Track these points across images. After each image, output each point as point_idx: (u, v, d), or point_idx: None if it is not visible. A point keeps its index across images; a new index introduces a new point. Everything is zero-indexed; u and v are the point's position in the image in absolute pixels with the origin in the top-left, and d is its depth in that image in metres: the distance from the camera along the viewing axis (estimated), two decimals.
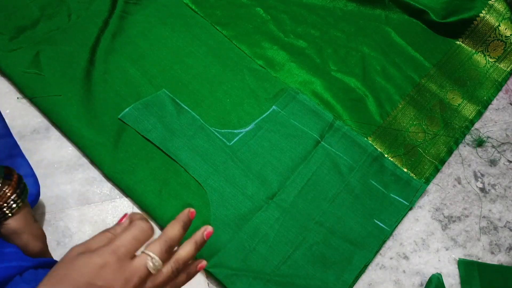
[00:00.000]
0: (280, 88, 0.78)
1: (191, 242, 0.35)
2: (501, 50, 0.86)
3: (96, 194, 0.67)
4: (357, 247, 0.65)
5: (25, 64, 0.74)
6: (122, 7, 0.83)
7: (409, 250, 0.67)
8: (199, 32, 0.83)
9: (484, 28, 0.86)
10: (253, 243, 0.64)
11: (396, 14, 0.90)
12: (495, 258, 0.67)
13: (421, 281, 0.64)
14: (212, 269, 0.61)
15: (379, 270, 0.65)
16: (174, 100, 0.74)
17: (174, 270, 0.33)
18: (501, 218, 0.71)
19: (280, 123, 0.74)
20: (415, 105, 0.80)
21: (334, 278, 0.63)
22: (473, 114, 0.80)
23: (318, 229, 0.66)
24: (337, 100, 0.78)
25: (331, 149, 0.73)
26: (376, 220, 0.68)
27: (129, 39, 0.80)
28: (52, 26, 0.79)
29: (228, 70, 0.80)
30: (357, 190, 0.70)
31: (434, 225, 0.69)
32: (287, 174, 0.69)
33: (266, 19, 0.87)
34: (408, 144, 0.76)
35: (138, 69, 0.77)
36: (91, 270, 0.30)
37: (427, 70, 0.84)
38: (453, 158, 0.76)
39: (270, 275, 0.62)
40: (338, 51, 0.85)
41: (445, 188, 0.73)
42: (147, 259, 0.32)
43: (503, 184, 0.74)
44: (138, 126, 0.71)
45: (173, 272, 0.33)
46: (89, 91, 0.73)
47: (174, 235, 0.34)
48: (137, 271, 0.31)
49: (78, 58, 0.76)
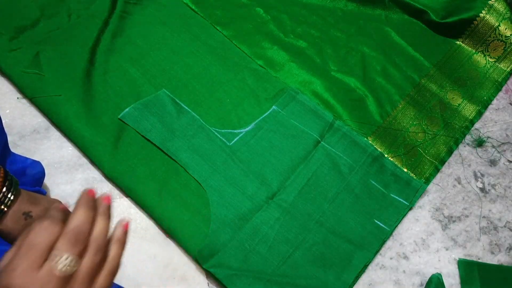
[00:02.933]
0: (280, 88, 0.78)
1: (101, 215, 0.32)
2: (501, 50, 0.86)
3: (96, 194, 0.66)
4: (357, 247, 0.65)
5: (25, 64, 0.74)
6: (122, 7, 0.83)
7: (409, 250, 0.67)
8: (199, 32, 0.83)
9: (484, 28, 0.86)
10: (253, 243, 0.64)
11: (396, 14, 0.90)
12: (495, 258, 0.67)
13: (421, 281, 0.64)
14: (212, 269, 0.61)
15: (379, 270, 0.65)
16: (174, 100, 0.74)
17: (96, 253, 0.29)
18: (501, 218, 0.71)
19: (280, 123, 0.74)
20: (415, 105, 0.80)
21: (334, 278, 0.63)
22: (473, 114, 0.80)
23: (318, 229, 0.66)
24: (337, 100, 0.78)
25: (331, 149, 0.73)
26: (376, 220, 0.68)
27: (129, 39, 0.80)
28: (52, 26, 0.79)
29: (228, 70, 0.80)
30: (357, 190, 0.70)
31: (434, 225, 0.69)
32: (287, 174, 0.69)
33: (266, 19, 0.87)
34: (408, 144, 0.76)
35: (138, 69, 0.77)
36: None
37: (427, 70, 0.84)
38: (453, 158, 0.76)
39: (270, 275, 0.62)
40: (338, 51, 0.85)
41: (445, 188, 0.73)
42: (55, 262, 0.27)
43: (503, 184, 0.74)
44: (138, 126, 0.71)
45: (96, 255, 0.29)
46: (89, 91, 0.73)
47: (80, 221, 0.30)
48: (48, 280, 0.27)
49: (78, 58, 0.76)
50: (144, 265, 0.62)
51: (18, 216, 0.47)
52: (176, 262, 0.63)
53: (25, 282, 0.26)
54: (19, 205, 0.48)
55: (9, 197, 0.46)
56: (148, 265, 0.62)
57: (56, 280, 0.27)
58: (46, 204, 0.50)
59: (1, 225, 0.47)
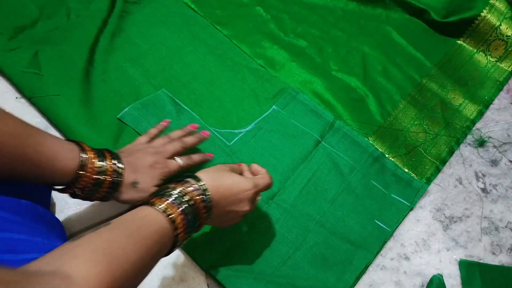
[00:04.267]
0: (280, 88, 0.78)
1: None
2: (502, 50, 0.85)
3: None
4: (358, 247, 0.65)
5: (24, 63, 0.73)
6: (122, 6, 0.82)
7: (410, 251, 0.66)
8: (199, 31, 0.83)
9: (485, 27, 0.85)
10: (253, 243, 0.63)
11: (397, 14, 0.90)
12: (497, 258, 0.67)
13: (422, 282, 0.64)
14: (212, 270, 0.61)
15: (380, 270, 0.65)
16: (174, 99, 0.74)
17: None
18: (503, 218, 0.70)
19: (280, 123, 0.74)
20: (416, 105, 0.79)
21: (334, 279, 0.62)
22: (474, 114, 0.80)
23: (319, 229, 0.66)
24: (338, 100, 0.78)
25: (331, 149, 0.72)
26: (377, 220, 0.67)
27: (128, 39, 0.80)
28: (51, 25, 0.79)
29: (228, 69, 0.79)
30: (358, 191, 0.69)
31: (435, 225, 0.69)
32: (287, 174, 0.69)
33: (266, 18, 0.87)
34: (409, 144, 0.75)
35: (138, 68, 0.77)
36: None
37: (428, 69, 0.84)
38: (454, 158, 0.75)
39: (271, 275, 0.61)
40: (338, 50, 0.84)
41: (446, 189, 0.72)
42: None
43: (504, 184, 0.73)
44: (137, 126, 0.70)
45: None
46: (88, 90, 0.73)
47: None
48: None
49: (77, 58, 0.75)
50: None
51: (129, 186, 0.53)
52: (176, 263, 0.62)
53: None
54: (127, 176, 0.53)
55: (120, 167, 0.52)
56: None
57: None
58: (144, 169, 0.55)
59: (118, 194, 0.53)
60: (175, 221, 0.43)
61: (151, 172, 0.55)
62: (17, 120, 0.45)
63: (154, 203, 0.44)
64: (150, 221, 0.42)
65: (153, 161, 0.55)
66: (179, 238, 0.44)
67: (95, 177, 0.50)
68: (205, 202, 0.47)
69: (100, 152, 0.51)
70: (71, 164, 0.47)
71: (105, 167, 0.51)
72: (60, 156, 0.46)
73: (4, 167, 0.43)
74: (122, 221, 0.40)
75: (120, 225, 0.40)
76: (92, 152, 0.50)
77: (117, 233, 0.38)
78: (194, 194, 0.46)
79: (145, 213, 0.42)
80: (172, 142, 0.59)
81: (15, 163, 0.43)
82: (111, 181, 0.51)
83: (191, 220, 0.45)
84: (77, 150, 0.49)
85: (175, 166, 0.57)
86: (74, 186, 0.50)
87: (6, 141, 0.42)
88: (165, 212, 0.43)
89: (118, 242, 0.37)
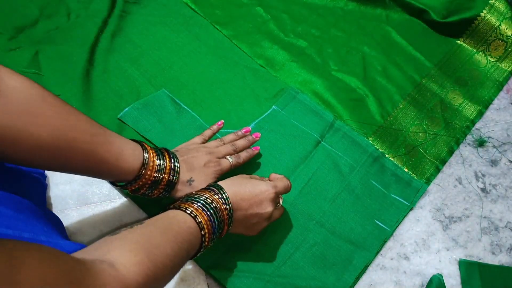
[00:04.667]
0: (280, 88, 0.78)
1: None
2: (502, 50, 0.85)
3: (96, 194, 0.66)
4: (358, 247, 0.65)
5: (24, 63, 0.73)
6: (122, 6, 0.82)
7: (409, 251, 0.66)
8: (199, 31, 0.83)
9: (485, 27, 0.85)
10: (253, 243, 0.63)
11: (397, 14, 0.90)
12: (496, 258, 0.67)
13: (422, 282, 0.64)
14: (212, 270, 0.61)
15: (380, 270, 0.65)
16: (174, 99, 0.74)
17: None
18: (502, 218, 0.70)
19: (280, 123, 0.74)
20: (416, 105, 0.79)
21: (334, 279, 0.62)
22: (474, 114, 0.80)
23: (319, 229, 0.66)
24: (338, 100, 0.78)
25: (331, 149, 0.72)
26: (377, 220, 0.67)
27: (128, 39, 0.80)
28: (51, 25, 0.79)
29: (228, 69, 0.79)
30: (358, 190, 0.69)
31: (435, 225, 0.69)
32: (287, 174, 0.69)
33: (266, 18, 0.87)
34: (409, 144, 0.75)
35: (138, 68, 0.77)
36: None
37: (428, 69, 0.84)
38: (454, 158, 0.75)
39: (270, 275, 0.61)
40: (338, 50, 0.84)
41: (446, 189, 0.73)
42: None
43: (504, 184, 0.73)
44: (137, 126, 0.71)
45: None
46: (88, 90, 0.73)
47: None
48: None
49: (77, 58, 0.75)
50: None
51: (184, 183, 0.56)
52: None
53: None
54: (183, 174, 0.56)
55: (177, 166, 0.55)
56: None
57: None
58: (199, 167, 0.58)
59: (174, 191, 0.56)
60: (201, 223, 0.47)
61: (205, 171, 0.58)
62: (88, 118, 0.48)
63: (182, 207, 0.48)
64: (179, 220, 0.46)
65: (207, 160, 0.59)
66: (206, 239, 0.48)
67: (155, 175, 0.53)
68: (226, 205, 0.51)
69: (160, 151, 0.55)
70: (134, 162, 0.51)
71: (163, 166, 0.54)
72: (125, 154, 0.49)
73: (77, 162, 0.46)
74: (154, 220, 0.45)
75: (153, 223, 0.44)
76: (152, 151, 0.53)
77: (151, 229, 0.42)
78: (215, 198, 0.50)
79: (174, 214, 0.47)
80: (224, 145, 0.64)
81: (86, 159, 0.46)
82: (169, 179, 0.54)
83: (215, 223, 0.49)
84: (140, 149, 0.52)
85: (227, 165, 0.61)
86: (135, 183, 0.52)
87: (79, 137, 0.45)
88: (192, 214, 0.47)
89: (153, 236, 0.41)
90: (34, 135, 0.41)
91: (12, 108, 0.40)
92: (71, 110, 0.46)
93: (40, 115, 0.42)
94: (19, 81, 0.42)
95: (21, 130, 0.41)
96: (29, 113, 0.41)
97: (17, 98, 0.41)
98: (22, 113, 0.41)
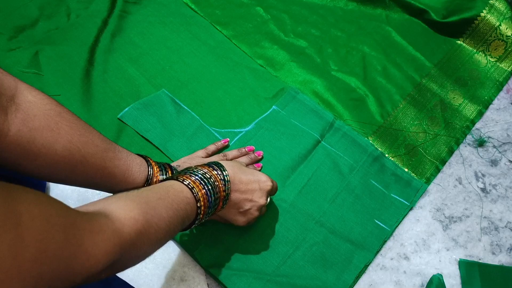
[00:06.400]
0: (280, 88, 0.78)
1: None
2: (502, 50, 0.85)
3: (96, 194, 0.66)
4: (358, 247, 0.65)
5: (24, 63, 0.74)
6: (122, 6, 0.82)
7: (409, 251, 0.66)
8: (199, 31, 0.83)
9: (485, 27, 0.85)
10: (253, 243, 0.63)
11: (397, 14, 0.90)
12: (496, 258, 0.67)
13: (422, 282, 0.64)
14: (212, 269, 0.61)
15: (380, 270, 0.65)
16: (174, 99, 0.74)
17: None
18: (502, 218, 0.70)
19: (280, 122, 0.74)
20: (416, 105, 0.79)
21: (334, 279, 0.62)
22: (474, 114, 0.80)
23: (318, 229, 0.66)
24: (338, 99, 0.78)
25: (331, 149, 0.72)
26: (377, 220, 0.67)
27: (128, 39, 0.80)
28: (51, 25, 0.79)
29: (228, 69, 0.79)
30: (358, 190, 0.69)
31: (435, 225, 0.69)
32: (287, 174, 0.69)
33: (266, 18, 0.87)
34: (409, 144, 0.75)
35: (138, 68, 0.77)
36: None
37: (428, 69, 0.84)
38: (454, 158, 0.75)
39: (270, 275, 0.61)
40: (338, 50, 0.85)
41: (446, 188, 0.72)
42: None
43: (504, 184, 0.73)
44: (137, 126, 0.71)
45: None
46: (88, 90, 0.73)
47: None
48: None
49: (77, 58, 0.75)
50: (144, 266, 0.62)
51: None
52: (176, 263, 0.62)
53: None
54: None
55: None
56: (148, 266, 0.62)
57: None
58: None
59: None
60: (198, 195, 0.48)
61: None
62: (99, 134, 0.49)
63: (179, 178, 0.50)
64: (176, 189, 0.47)
65: None
66: (201, 211, 0.49)
67: None
68: (224, 182, 0.53)
69: (162, 166, 0.56)
70: (140, 177, 0.52)
71: None
72: (131, 169, 0.51)
73: (89, 177, 0.47)
74: (152, 187, 0.47)
75: (150, 189, 0.45)
76: (156, 167, 0.54)
77: (147, 193, 0.44)
78: (214, 173, 0.52)
79: (171, 184, 0.48)
80: (227, 160, 0.63)
81: (96, 174, 0.47)
82: None
83: (212, 197, 0.50)
84: (145, 164, 0.53)
85: None
86: None
87: (93, 153, 0.46)
88: (189, 186, 0.48)
89: (149, 199, 0.42)
90: (53, 150, 0.42)
91: (34, 124, 0.41)
92: (85, 125, 0.47)
93: (58, 130, 0.43)
94: (38, 97, 0.43)
95: (43, 145, 0.42)
96: (49, 128, 0.42)
97: (35, 114, 0.42)
98: (44, 129, 0.42)
